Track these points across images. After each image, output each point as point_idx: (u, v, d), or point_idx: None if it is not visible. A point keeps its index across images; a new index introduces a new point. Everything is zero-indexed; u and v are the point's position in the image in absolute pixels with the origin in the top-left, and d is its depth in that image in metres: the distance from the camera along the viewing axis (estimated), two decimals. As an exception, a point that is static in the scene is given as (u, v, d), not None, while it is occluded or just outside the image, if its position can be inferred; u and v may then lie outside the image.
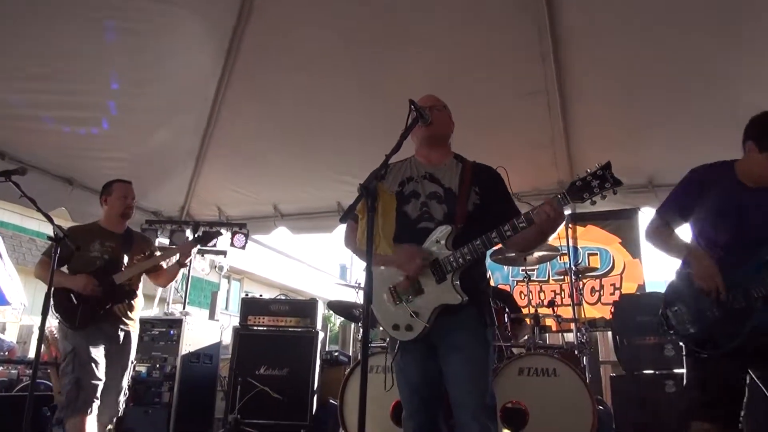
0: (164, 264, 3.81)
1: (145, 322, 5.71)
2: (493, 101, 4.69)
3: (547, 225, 2.15)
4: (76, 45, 4.03)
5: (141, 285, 3.74)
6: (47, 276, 3.31)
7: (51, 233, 3.03)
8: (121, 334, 3.52)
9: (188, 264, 3.69)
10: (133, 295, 3.61)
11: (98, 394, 3.34)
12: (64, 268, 3.51)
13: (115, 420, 3.58)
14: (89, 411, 3.27)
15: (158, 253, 3.83)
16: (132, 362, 3.63)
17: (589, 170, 2.10)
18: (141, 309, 3.72)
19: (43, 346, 6.30)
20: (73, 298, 3.41)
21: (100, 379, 3.36)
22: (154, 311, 6.93)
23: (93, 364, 3.34)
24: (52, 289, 3.29)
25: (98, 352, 3.38)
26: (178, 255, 3.78)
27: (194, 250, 3.76)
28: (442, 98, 2.56)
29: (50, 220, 3.27)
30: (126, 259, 3.61)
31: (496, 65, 4.50)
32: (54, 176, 4.99)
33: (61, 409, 3.25)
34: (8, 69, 4.00)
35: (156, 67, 4.52)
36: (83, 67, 4.24)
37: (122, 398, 3.55)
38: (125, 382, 3.54)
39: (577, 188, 2.10)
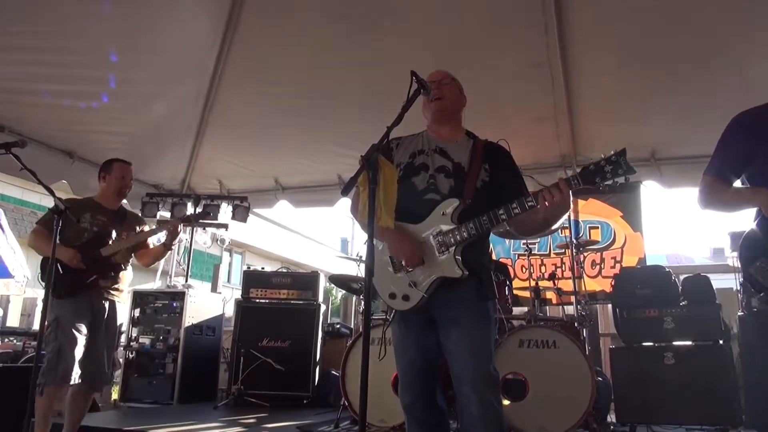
0: (151, 243, 3.79)
1: (147, 295, 5.78)
2: (494, 73, 4.63)
3: (550, 208, 2.13)
4: (74, 18, 3.99)
5: (130, 260, 3.75)
6: (41, 245, 3.44)
7: (52, 206, 3.04)
8: (106, 305, 3.53)
9: (174, 248, 3.67)
10: (119, 269, 3.61)
11: (78, 365, 3.36)
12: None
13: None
14: (68, 381, 3.31)
15: (147, 229, 3.79)
16: (121, 332, 3.66)
17: (603, 155, 2.09)
18: (128, 283, 3.71)
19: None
20: (60, 268, 3.43)
21: (81, 350, 3.38)
22: (156, 284, 6.97)
23: (75, 334, 3.36)
24: (41, 258, 3.46)
25: (81, 323, 3.40)
26: (164, 235, 3.71)
27: (181, 229, 3.70)
28: (444, 69, 2.52)
29: (51, 193, 3.26)
30: (114, 234, 3.61)
31: (498, 36, 4.44)
32: (55, 149, 4.98)
33: (41, 375, 3.24)
34: (6, 43, 3.96)
35: (155, 39, 4.47)
36: (82, 41, 4.21)
37: (112, 368, 3.61)
38: (114, 352, 3.56)
39: (590, 172, 2.10)
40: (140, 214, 6.08)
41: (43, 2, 3.79)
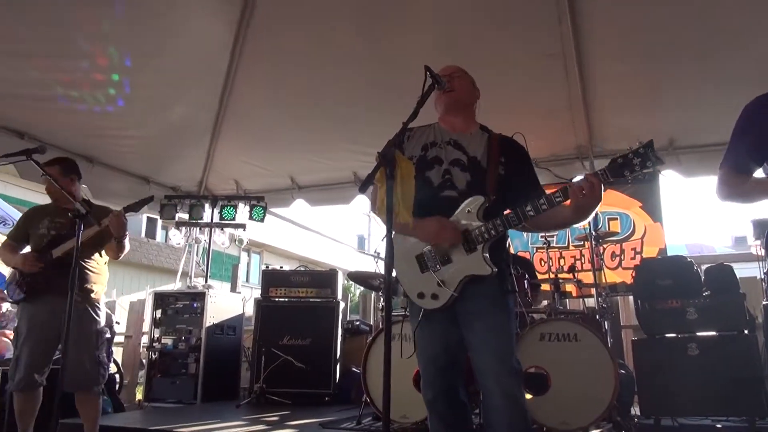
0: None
1: (168, 296, 5.84)
2: (507, 66, 4.60)
3: (583, 202, 2.10)
4: (89, 23, 4.04)
5: (99, 258, 3.64)
6: (6, 259, 3.56)
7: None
8: (75, 308, 3.27)
9: (125, 235, 3.46)
10: (83, 269, 3.47)
11: (40, 371, 3.36)
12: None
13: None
14: (28, 387, 3.33)
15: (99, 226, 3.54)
16: (101, 333, 3.53)
17: (631, 147, 2.06)
18: (98, 282, 3.58)
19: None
20: (16, 274, 3.48)
21: (41, 356, 3.37)
22: (177, 285, 7.04)
23: (31, 342, 3.36)
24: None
25: (41, 329, 3.37)
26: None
27: (124, 220, 3.45)
28: (457, 63, 2.51)
29: (72, 198, 3.32)
30: None
31: (511, 27, 4.40)
32: (74, 154, 5.04)
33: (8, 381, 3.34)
34: (24, 51, 4.03)
35: (168, 41, 4.52)
36: (97, 46, 4.25)
37: (97, 368, 3.46)
38: (95, 353, 3.46)
39: (619, 165, 2.07)
40: (159, 216, 6.16)
41: (58, 10, 3.84)
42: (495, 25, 4.38)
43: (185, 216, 6.23)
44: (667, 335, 4.19)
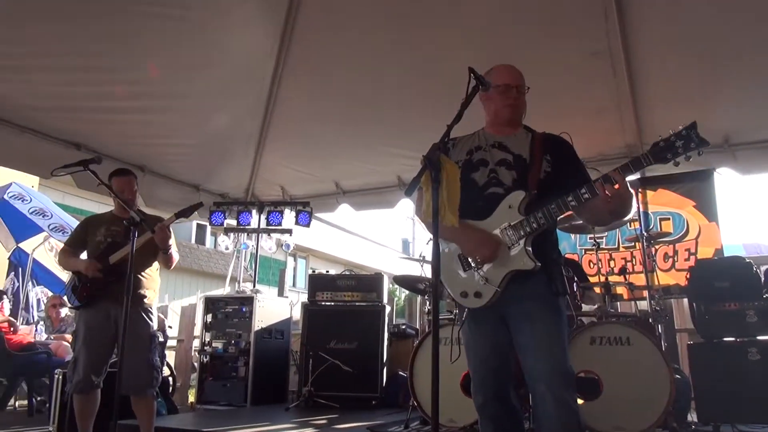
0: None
1: (218, 300, 5.97)
2: (552, 65, 4.51)
3: (611, 198, 2.08)
4: (139, 36, 4.18)
5: (151, 266, 3.75)
6: (67, 263, 3.73)
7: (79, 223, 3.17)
8: (131, 314, 3.38)
9: (169, 247, 3.57)
10: (136, 276, 3.55)
11: (97, 373, 3.49)
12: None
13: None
14: (85, 390, 3.47)
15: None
16: (154, 337, 3.65)
17: (672, 130, 2.02)
18: (150, 288, 3.71)
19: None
20: (76, 280, 3.61)
21: (98, 359, 3.50)
22: (226, 290, 7.20)
23: (88, 345, 3.49)
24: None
25: (98, 333, 3.50)
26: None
27: (168, 233, 3.56)
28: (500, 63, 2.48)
29: (127, 205, 3.45)
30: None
31: (556, 25, 4.32)
32: (126, 164, 5.21)
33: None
34: (78, 65, 4.20)
35: (215, 51, 4.62)
36: (147, 58, 4.39)
37: (151, 372, 3.57)
38: (149, 356, 3.57)
39: (661, 149, 2.04)
40: (208, 223, 6.31)
41: (109, 25, 3.98)
42: (537, 23, 4.32)
43: (233, 222, 6.37)
44: (725, 339, 4.04)
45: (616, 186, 2.07)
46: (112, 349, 3.57)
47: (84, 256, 3.76)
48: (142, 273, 3.68)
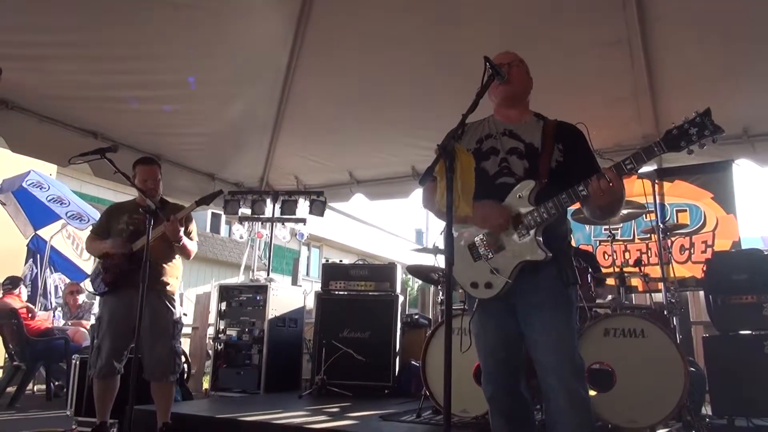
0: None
1: (232, 289, 6.01)
2: (570, 54, 4.48)
3: (605, 195, 2.06)
4: (154, 25, 4.20)
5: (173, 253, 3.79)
6: (93, 248, 3.81)
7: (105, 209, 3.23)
8: (151, 301, 3.51)
9: (180, 239, 3.61)
10: (157, 264, 3.59)
11: (119, 359, 3.57)
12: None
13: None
14: (108, 375, 3.55)
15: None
16: (177, 324, 3.71)
17: (686, 117, 1.98)
18: (172, 275, 3.77)
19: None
20: (100, 268, 3.67)
21: (121, 345, 3.56)
22: (240, 278, 7.25)
23: (111, 332, 3.55)
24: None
25: (122, 320, 3.55)
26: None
27: (178, 226, 3.58)
28: (516, 53, 2.47)
29: (144, 193, 3.48)
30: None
31: (573, 15, 4.28)
32: (143, 152, 5.25)
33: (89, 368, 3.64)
34: (96, 55, 4.24)
35: (230, 40, 4.63)
36: (163, 47, 4.42)
37: (173, 358, 3.64)
38: (172, 342, 3.64)
39: (674, 137, 1.99)
40: (222, 211, 6.35)
41: (127, 14, 4.01)
42: (557, 11, 4.27)
43: (248, 211, 6.40)
44: (742, 332, 3.99)
45: (603, 185, 2.03)
46: (134, 336, 3.60)
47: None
48: (165, 261, 3.73)
